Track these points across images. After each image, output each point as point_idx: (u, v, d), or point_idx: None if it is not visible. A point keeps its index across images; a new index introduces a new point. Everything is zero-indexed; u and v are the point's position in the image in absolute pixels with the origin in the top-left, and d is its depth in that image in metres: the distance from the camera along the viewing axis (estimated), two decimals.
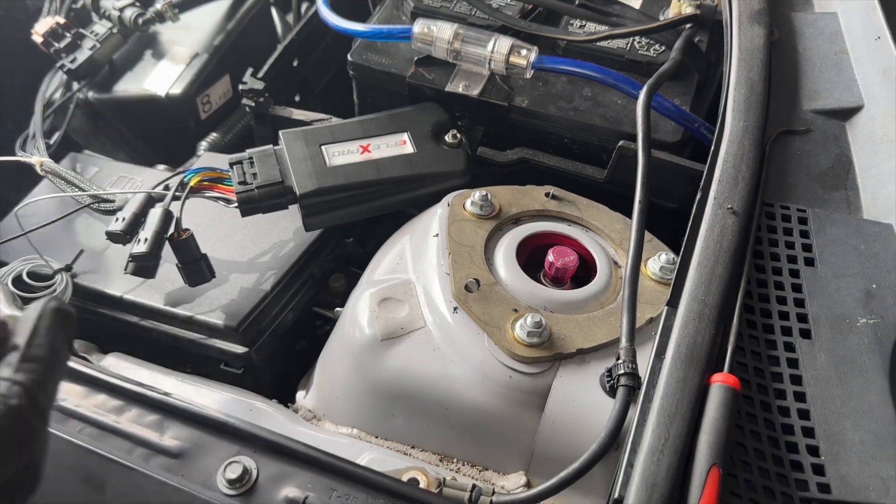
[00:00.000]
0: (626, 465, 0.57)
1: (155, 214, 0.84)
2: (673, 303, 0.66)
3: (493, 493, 0.67)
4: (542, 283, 0.81)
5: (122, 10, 1.22)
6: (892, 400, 0.62)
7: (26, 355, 0.46)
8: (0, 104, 1.25)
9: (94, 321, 0.95)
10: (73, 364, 0.68)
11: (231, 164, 0.89)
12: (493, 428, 0.74)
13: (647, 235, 0.83)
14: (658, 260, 0.81)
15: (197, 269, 0.86)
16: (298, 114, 1.06)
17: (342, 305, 0.89)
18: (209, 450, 0.64)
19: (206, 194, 0.89)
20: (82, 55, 1.20)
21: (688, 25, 0.99)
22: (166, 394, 0.68)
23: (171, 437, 0.65)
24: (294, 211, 0.91)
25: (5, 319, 0.48)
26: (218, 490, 0.61)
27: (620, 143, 0.91)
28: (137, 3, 1.23)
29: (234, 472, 0.62)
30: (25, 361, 0.46)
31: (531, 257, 0.85)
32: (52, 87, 1.25)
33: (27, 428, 0.44)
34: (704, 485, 0.55)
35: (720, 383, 0.60)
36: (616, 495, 0.55)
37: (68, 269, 0.92)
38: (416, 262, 0.84)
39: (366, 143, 0.94)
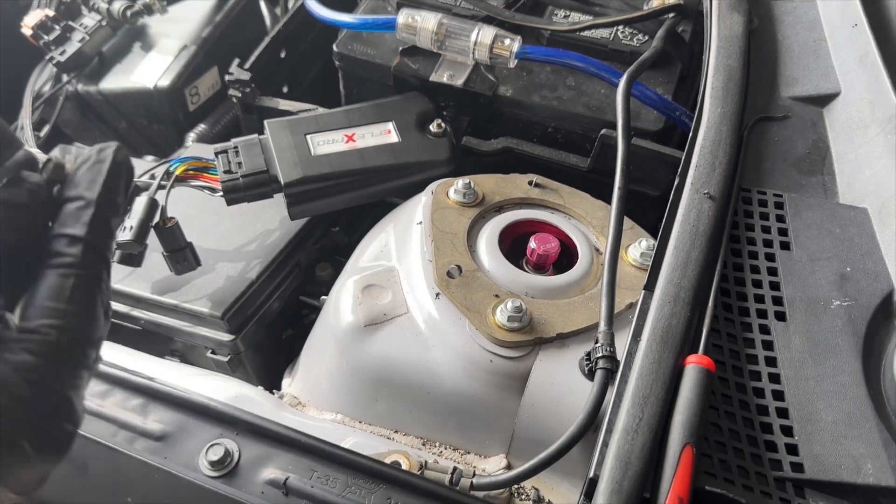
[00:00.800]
0: (602, 445, 0.57)
1: (140, 203, 0.84)
2: (650, 286, 0.67)
3: (474, 475, 0.68)
4: (525, 270, 0.82)
5: (110, 2, 1.23)
6: (865, 380, 0.63)
7: (98, 214, 0.46)
8: None
9: None
10: None
11: (216, 154, 0.90)
12: (474, 411, 0.75)
13: (628, 222, 0.84)
14: (638, 246, 0.82)
15: (183, 257, 0.87)
16: (285, 104, 1.07)
17: (328, 294, 0.89)
18: (191, 433, 0.65)
19: (192, 183, 0.89)
20: (71, 48, 1.20)
21: (670, 15, 1.00)
22: (150, 378, 0.69)
23: (155, 420, 0.66)
24: (280, 200, 0.92)
25: (63, 161, 0.48)
26: (200, 472, 0.62)
27: (603, 131, 0.91)
28: None
29: (216, 454, 0.63)
30: (96, 221, 0.46)
31: (514, 245, 0.86)
32: (41, 79, 1.25)
33: (104, 283, 0.46)
34: (678, 463, 0.55)
35: (694, 364, 0.61)
36: (591, 474, 0.56)
37: None
38: (399, 249, 0.85)
39: (351, 132, 0.95)
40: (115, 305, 0.93)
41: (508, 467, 0.75)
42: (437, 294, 0.77)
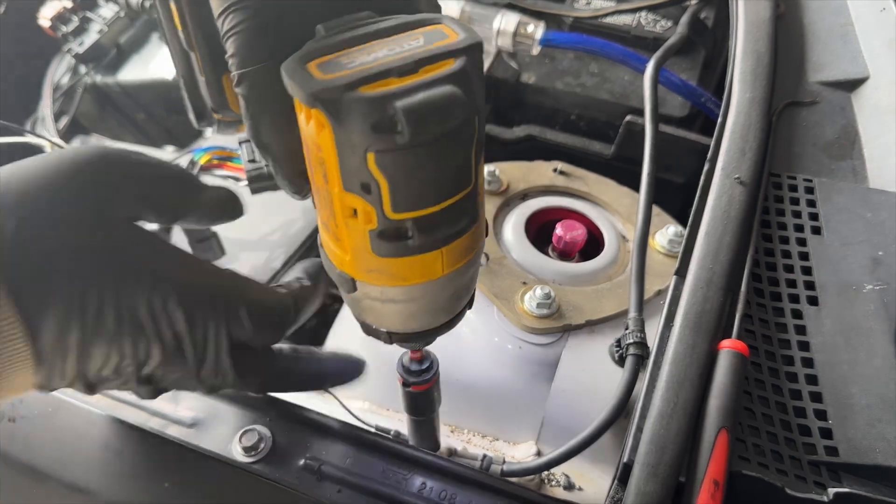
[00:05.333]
0: (636, 430, 0.57)
1: None
2: (681, 272, 0.66)
3: (504, 461, 0.68)
4: (551, 257, 0.82)
5: None
6: None
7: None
8: (7, 88, 1.25)
9: None
10: None
11: (241, 143, 0.90)
12: (503, 398, 0.75)
13: (655, 209, 0.84)
14: (666, 233, 0.82)
15: (208, 246, 0.87)
16: None
17: None
18: (224, 419, 0.65)
19: (216, 173, 0.90)
20: (90, 39, 1.21)
21: (694, 1, 0.99)
22: None
23: (186, 408, 0.66)
24: None
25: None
26: (234, 457, 0.62)
27: (627, 117, 0.91)
28: None
29: (249, 440, 0.63)
30: None
31: (540, 232, 0.86)
32: (59, 71, 1.26)
33: None
34: (713, 448, 0.55)
35: (729, 349, 0.60)
36: (626, 459, 0.56)
37: None
38: None
39: None
40: None
41: (538, 454, 0.75)
42: None
